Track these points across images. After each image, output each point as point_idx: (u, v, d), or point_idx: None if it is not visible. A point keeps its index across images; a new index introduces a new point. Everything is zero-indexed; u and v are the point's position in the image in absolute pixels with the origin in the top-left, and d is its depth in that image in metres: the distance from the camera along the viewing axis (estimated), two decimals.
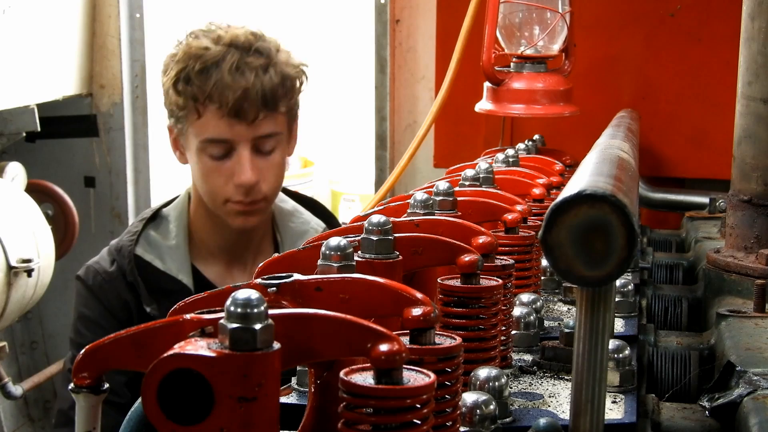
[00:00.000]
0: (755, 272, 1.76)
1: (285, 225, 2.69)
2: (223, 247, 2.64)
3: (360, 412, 0.86)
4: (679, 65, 3.09)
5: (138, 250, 2.58)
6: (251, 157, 2.46)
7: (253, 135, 2.45)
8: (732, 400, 1.28)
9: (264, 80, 2.42)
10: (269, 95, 2.43)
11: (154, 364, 0.81)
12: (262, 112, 2.43)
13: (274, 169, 2.52)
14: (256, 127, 2.44)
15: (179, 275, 2.58)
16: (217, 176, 2.49)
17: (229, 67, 2.40)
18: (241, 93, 2.39)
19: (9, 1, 3.44)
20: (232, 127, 2.43)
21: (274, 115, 2.47)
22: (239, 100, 2.39)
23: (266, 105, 2.43)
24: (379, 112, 3.78)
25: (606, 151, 1.35)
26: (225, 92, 2.39)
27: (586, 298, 0.98)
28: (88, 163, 4.23)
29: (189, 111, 2.45)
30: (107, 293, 2.59)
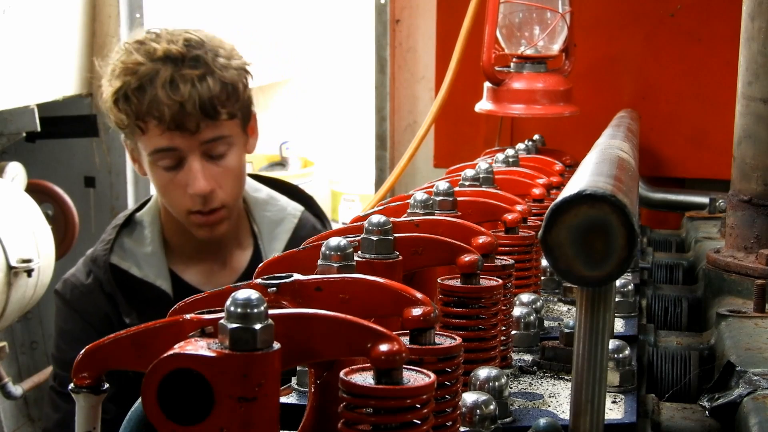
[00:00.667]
0: (755, 272, 1.76)
1: (261, 215, 2.65)
2: (200, 250, 2.61)
3: (360, 412, 0.86)
4: (679, 65, 3.09)
5: (113, 259, 2.55)
6: (202, 165, 2.43)
7: (198, 143, 2.41)
8: (732, 400, 1.28)
9: (201, 91, 2.38)
10: (208, 105, 2.39)
11: (154, 364, 0.81)
12: (203, 122, 2.40)
13: (229, 175, 2.48)
14: (199, 135, 2.41)
15: (157, 281, 2.55)
16: (173, 188, 2.46)
17: (162, 83, 2.36)
18: (177, 108, 2.36)
19: (9, 1, 3.44)
20: (175, 140, 2.40)
21: (218, 122, 2.43)
22: (177, 115, 2.36)
23: (207, 114, 2.39)
24: (379, 112, 3.78)
25: (606, 151, 1.35)
26: (161, 108, 2.36)
27: (586, 298, 0.98)
28: (88, 163, 4.23)
29: (132, 128, 2.43)
30: (86, 306, 2.56)
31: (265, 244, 2.63)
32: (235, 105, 2.45)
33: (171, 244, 2.62)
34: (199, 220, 2.48)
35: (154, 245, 2.58)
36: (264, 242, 2.63)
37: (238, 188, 2.53)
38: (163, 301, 2.52)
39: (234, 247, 2.65)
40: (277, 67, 7.28)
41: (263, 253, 2.61)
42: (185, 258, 2.62)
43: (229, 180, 2.48)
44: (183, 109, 2.36)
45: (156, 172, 2.46)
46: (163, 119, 2.36)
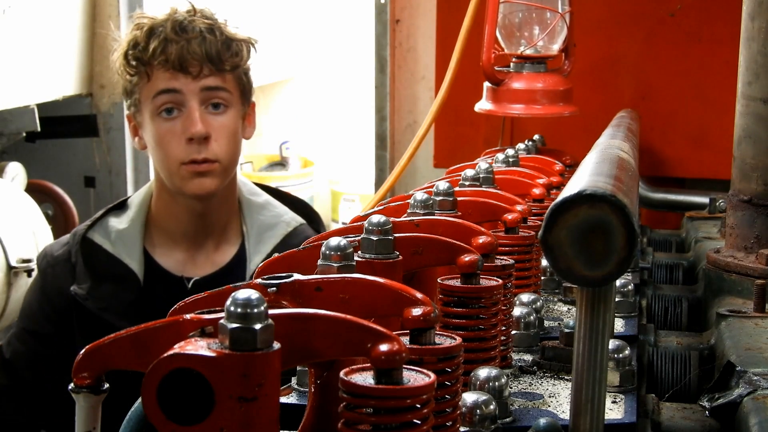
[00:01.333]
0: (755, 272, 1.76)
1: (253, 217, 2.67)
2: (184, 234, 2.62)
3: (360, 412, 0.86)
4: (679, 65, 3.09)
5: (90, 233, 2.60)
6: (201, 111, 2.51)
7: (200, 87, 2.50)
8: (732, 400, 1.28)
9: (208, 37, 2.51)
10: (213, 51, 2.50)
11: (154, 364, 0.81)
12: (207, 67, 2.50)
13: (225, 131, 2.54)
14: (200, 80, 2.50)
15: (127, 260, 2.57)
16: (170, 137, 2.51)
17: (172, 25, 2.50)
18: (183, 45, 2.48)
19: (9, 1, 3.44)
20: (178, 80, 2.49)
21: (221, 73, 2.53)
22: (182, 54, 2.47)
23: (210, 60, 2.50)
24: (379, 112, 3.78)
25: (606, 151, 1.35)
26: (168, 47, 2.48)
27: (586, 298, 0.98)
28: (88, 163, 4.24)
29: (140, 75, 2.52)
30: (48, 277, 2.62)
31: (251, 246, 2.62)
32: (238, 65, 2.57)
33: (155, 227, 2.64)
34: (190, 169, 2.50)
35: (132, 225, 2.61)
36: (250, 243, 2.63)
37: (232, 150, 2.57)
38: (128, 280, 2.56)
39: (219, 242, 2.65)
40: (277, 67, 7.28)
41: (247, 254, 2.61)
42: (167, 242, 2.63)
43: (225, 136, 2.54)
44: (189, 47, 2.48)
45: (155, 123, 2.52)
46: (168, 58, 2.47)
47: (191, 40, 2.48)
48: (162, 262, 2.61)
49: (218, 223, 2.63)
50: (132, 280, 2.55)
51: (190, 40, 2.48)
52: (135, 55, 2.51)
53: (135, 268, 2.56)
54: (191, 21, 2.51)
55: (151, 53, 2.48)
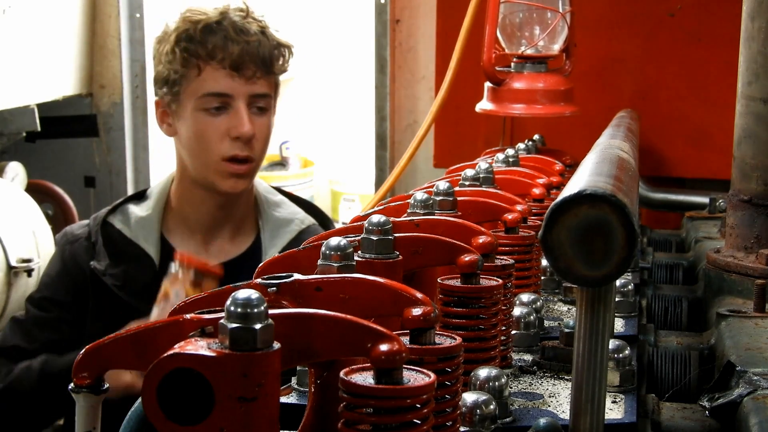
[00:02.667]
0: (755, 272, 1.76)
1: (268, 213, 2.74)
2: (201, 223, 2.69)
3: (360, 412, 0.86)
4: (679, 65, 3.09)
5: (109, 217, 2.68)
6: (248, 111, 2.57)
7: (250, 92, 2.56)
8: (732, 400, 1.28)
9: (262, 41, 2.57)
10: (267, 55, 2.57)
11: (154, 364, 0.81)
12: (260, 71, 2.56)
13: (264, 132, 2.63)
14: (253, 84, 2.57)
15: (144, 244, 2.64)
16: (213, 132, 2.56)
17: (232, 25, 2.55)
18: (243, 48, 2.53)
19: (9, 1, 3.44)
20: (232, 81, 2.54)
21: (269, 77, 2.60)
22: (241, 55, 2.53)
23: (264, 64, 2.57)
24: (379, 112, 3.78)
25: (606, 151, 1.35)
26: (229, 47, 2.53)
27: (586, 298, 0.98)
28: (88, 163, 4.23)
29: (190, 68, 2.56)
30: (66, 253, 2.69)
31: (267, 239, 2.69)
32: (281, 69, 2.65)
33: (173, 214, 2.71)
34: (231, 168, 2.58)
35: (151, 211, 2.68)
36: (265, 237, 2.70)
37: (266, 151, 2.67)
38: (145, 263, 2.63)
39: (234, 233, 2.73)
40: None
41: (263, 247, 2.68)
42: (184, 230, 2.70)
43: (264, 137, 2.63)
44: (247, 51, 2.54)
45: (198, 117, 2.57)
46: (227, 58, 2.53)
47: (250, 42, 2.55)
48: (178, 248, 2.67)
49: (235, 215, 2.71)
50: (148, 263, 2.63)
51: (249, 42, 2.54)
52: (188, 48, 2.55)
53: (151, 252, 2.64)
54: (247, 22, 2.58)
55: (211, 50, 2.53)
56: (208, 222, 2.69)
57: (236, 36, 2.54)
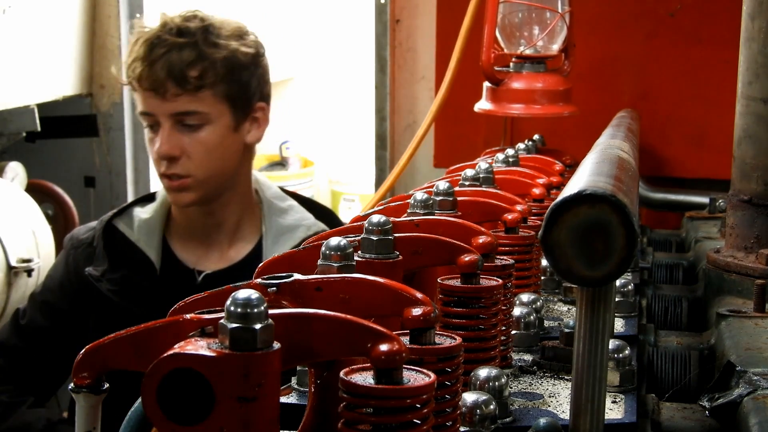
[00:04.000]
0: (755, 272, 1.76)
1: (272, 219, 2.71)
2: (195, 229, 2.70)
3: (360, 412, 0.86)
4: (679, 65, 3.09)
5: (115, 220, 2.68)
6: (171, 131, 2.53)
7: (169, 111, 2.53)
8: (732, 400, 1.28)
9: (173, 56, 2.50)
10: (177, 70, 2.49)
11: (154, 364, 0.81)
12: (173, 88, 2.50)
13: (200, 147, 2.56)
14: (172, 102, 2.52)
15: (145, 248, 2.64)
16: (151, 149, 2.59)
17: (143, 44, 2.51)
18: (147, 67, 2.49)
19: (9, 1, 3.44)
20: (149, 101, 2.53)
21: (195, 93, 2.52)
22: (147, 75, 2.50)
23: (176, 80, 2.50)
24: (379, 112, 3.78)
25: (606, 151, 1.35)
26: (137, 67, 2.51)
27: (586, 298, 0.98)
28: (88, 163, 4.23)
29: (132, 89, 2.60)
30: (70, 258, 2.70)
31: (268, 246, 2.68)
32: (215, 81, 2.54)
33: (175, 219, 2.71)
34: (165, 184, 2.60)
35: (154, 215, 2.69)
36: (267, 243, 2.68)
37: (210, 163, 2.58)
38: (145, 267, 2.63)
39: (233, 239, 2.72)
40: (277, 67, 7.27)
41: (264, 253, 2.66)
42: (184, 234, 2.70)
43: (199, 152, 2.56)
44: (152, 69, 2.49)
45: (146, 134, 2.61)
46: (138, 79, 2.52)
47: (155, 61, 2.49)
48: (179, 253, 2.69)
49: (228, 222, 2.70)
50: (148, 268, 2.63)
51: (154, 61, 2.49)
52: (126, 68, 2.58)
53: (152, 257, 2.64)
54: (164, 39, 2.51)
55: (130, 71, 2.54)
56: (200, 228, 2.69)
57: (144, 55, 2.50)
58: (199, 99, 2.53)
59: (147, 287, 2.59)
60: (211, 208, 2.66)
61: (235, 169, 2.66)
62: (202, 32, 2.54)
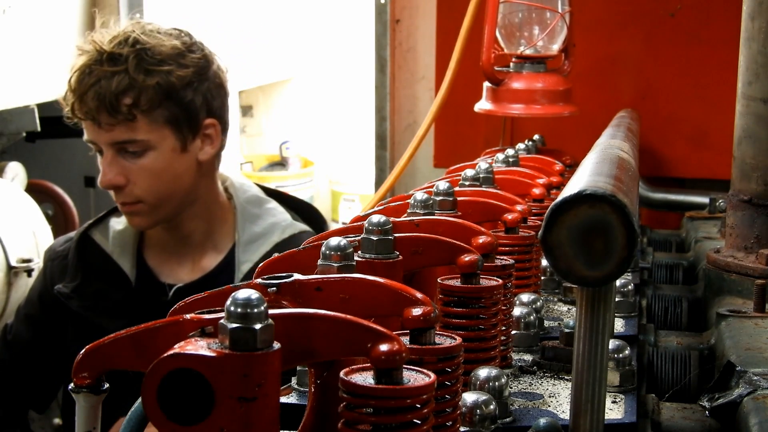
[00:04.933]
0: (755, 272, 1.76)
1: (244, 226, 2.66)
2: (166, 242, 2.66)
3: (360, 412, 0.86)
4: (679, 65, 3.09)
5: (91, 231, 2.66)
6: (113, 159, 2.49)
7: (109, 140, 2.47)
8: (732, 400, 1.28)
9: (103, 86, 2.42)
10: (108, 102, 2.42)
11: (154, 364, 0.81)
12: (109, 118, 2.44)
13: (144, 173, 2.49)
14: (109, 133, 2.46)
15: (120, 260, 2.61)
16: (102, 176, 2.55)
17: (75, 75, 2.46)
18: (78, 98, 2.44)
19: (9, 1, 3.44)
20: (89, 130, 2.50)
21: (131, 122, 2.45)
22: (81, 106, 2.45)
23: (109, 112, 2.43)
24: (379, 112, 3.78)
25: (606, 151, 1.35)
26: (71, 98, 2.46)
27: (586, 298, 0.98)
28: (88, 163, 4.22)
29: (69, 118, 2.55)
30: (47, 270, 2.69)
31: (240, 254, 2.62)
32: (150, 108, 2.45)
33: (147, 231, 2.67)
34: (120, 209, 2.57)
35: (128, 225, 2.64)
36: (239, 251, 2.63)
37: (159, 187, 2.52)
38: (119, 280, 2.60)
39: (207, 248, 2.67)
40: (277, 67, 7.27)
41: (236, 261, 2.62)
42: (158, 246, 2.67)
43: (145, 178, 2.50)
44: (83, 100, 2.43)
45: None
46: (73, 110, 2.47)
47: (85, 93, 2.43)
48: (152, 265, 2.65)
49: (195, 234, 2.65)
50: (122, 281, 2.59)
51: (84, 93, 2.43)
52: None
53: (126, 269, 2.60)
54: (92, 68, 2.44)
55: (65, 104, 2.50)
56: (169, 242, 2.65)
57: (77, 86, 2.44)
58: (135, 128, 2.46)
59: (120, 301, 2.56)
60: (174, 223, 2.61)
61: (190, 188, 2.58)
62: (134, 58, 2.45)
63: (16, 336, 2.71)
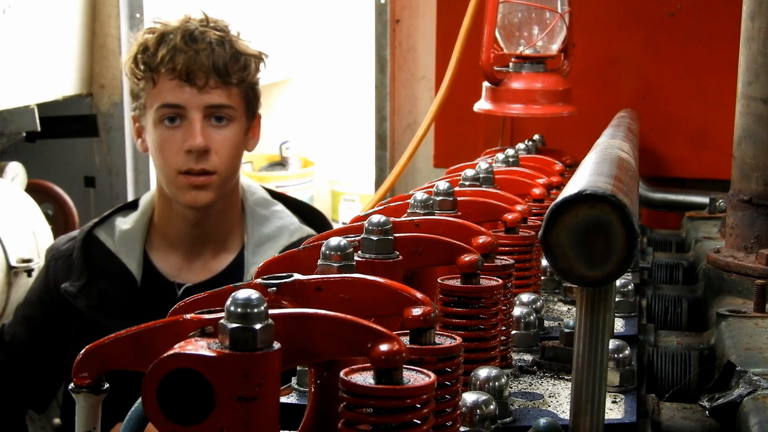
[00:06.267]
0: (755, 272, 1.76)
1: (254, 227, 2.68)
2: (181, 239, 2.65)
3: (360, 412, 0.86)
4: (679, 65, 3.09)
5: (96, 230, 2.64)
6: (203, 124, 2.51)
7: (204, 102, 2.51)
8: (732, 400, 1.28)
9: (216, 49, 2.50)
10: (220, 64, 2.50)
11: (154, 364, 0.80)
12: (213, 80, 2.50)
13: (227, 143, 2.55)
14: (207, 94, 2.51)
15: (126, 259, 2.60)
16: (170, 145, 2.52)
17: (182, 34, 2.50)
18: (191, 56, 2.47)
19: (9, 1, 3.44)
20: (183, 92, 2.49)
21: (227, 87, 2.53)
22: (189, 64, 2.47)
23: (217, 73, 2.50)
24: (379, 112, 3.78)
25: (606, 151, 1.35)
26: (176, 56, 2.48)
27: (586, 298, 0.98)
28: (88, 163, 4.23)
29: (146, 81, 2.53)
30: (50, 270, 2.67)
31: (249, 256, 2.63)
32: (245, 79, 2.56)
33: (155, 229, 2.66)
34: (187, 181, 2.53)
35: (135, 225, 2.64)
36: (248, 253, 2.64)
37: (233, 164, 2.58)
38: (125, 280, 2.59)
39: (218, 249, 2.67)
40: (277, 67, 7.27)
41: (246, 263, 2.62)
42: (165, 246, 2.66)
43: (226, 148, 2.54)
44: (197, 58, 2.48)
45: (157, 130, 2.53)
46: (175, 68, 2.47)
47: (200, 51, 2.48)
48: (159, 265, 2.64)
49: (216, 232, 2.65)
50: (128, 280, 2.58)
51: (198, 51, 2.48)
52: (143, 60, 2.52)
53: (133, 269, 2.59)
54: (202, 31, 2.51)
55: (159, 60, 2.48)
56: (186, 239, 2.64)
57: (185, 46, 2.48)
58: (232, 94, 2.54)
59: (126, 301, 2.56)
60: (205, 216, 2.61)
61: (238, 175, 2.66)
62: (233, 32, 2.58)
63: (13, 337, 2.69)
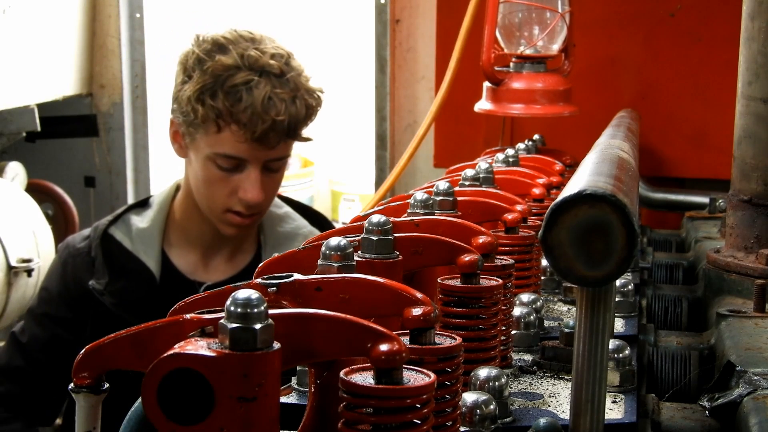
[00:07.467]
0: (755, 272, 1.76)
1: (272, 228, 2.71)
2: (201, 239, 2.66)
3: (360, 412, 0.86)
4: (679, 65, 3.09)
5: (111, 229, 2.62)
6: (261, 176, 2.51)
7: (267, 157, 2.51)
8: (732, 400, 1.28)
9: (291, 111, 2.47)
10: (293, 126, 2.49)
11: (154, 364, 0.80)
12: (283, 140, 2.50)
13: (275, 186, 2.60)
14: (274, 150, 2.51)
15: (144, 258, 2.60)
16: (222, 187, 2.52)
17: (262, 97, 2.43)
18: (270, 124, 2.44)
19: (9, 1, 3.44)
20: (249, 147, 2.47)
21: (292, 141, 2.56)
22: (267, 130, 2.44)
23: (289, 134, 2.50)
24: (379, 112, 3.79)
25: (606, 151, 1.35)
26: (255, 120, 2.43)
27: (586, 298, 0.98)
28: (88, 163, 4.24)
29: (209, 124, 2.46)
30: (68, 267, 2.63)
31: (267, 255, 2.64)
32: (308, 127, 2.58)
33: (173, 228, 2.67)
34: (235, 221, 2.56)
35: (152, 223, 2.64)
36: (266, 252, 2.67)
37: (272, 201, 2.65)
38: (144, 277, 2.59)
39: (235, 249, 2.70)
40: None
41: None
42: (184, 244, 2.67)
43: (274, 191, 2.61)
44: (274, 126, 2.45)
45: (208, 168, 2.51)
46: (251, 130, 2.43)
47: (277, 121, 2.44)
48: (177, 263, 2.65)
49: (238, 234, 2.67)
50: (148, 278, 2.59)
51: (276, 120, 2.44)
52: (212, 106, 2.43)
53: (152, 267, 2.60)
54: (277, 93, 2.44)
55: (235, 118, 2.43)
56: (207, 238, 2.66)
57: (264, 111, 2.42)
58: (290, 144, 2.57)
59: (147, 298, 2.56)
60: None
61: None
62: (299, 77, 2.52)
63: (32, 339, 2.62)
